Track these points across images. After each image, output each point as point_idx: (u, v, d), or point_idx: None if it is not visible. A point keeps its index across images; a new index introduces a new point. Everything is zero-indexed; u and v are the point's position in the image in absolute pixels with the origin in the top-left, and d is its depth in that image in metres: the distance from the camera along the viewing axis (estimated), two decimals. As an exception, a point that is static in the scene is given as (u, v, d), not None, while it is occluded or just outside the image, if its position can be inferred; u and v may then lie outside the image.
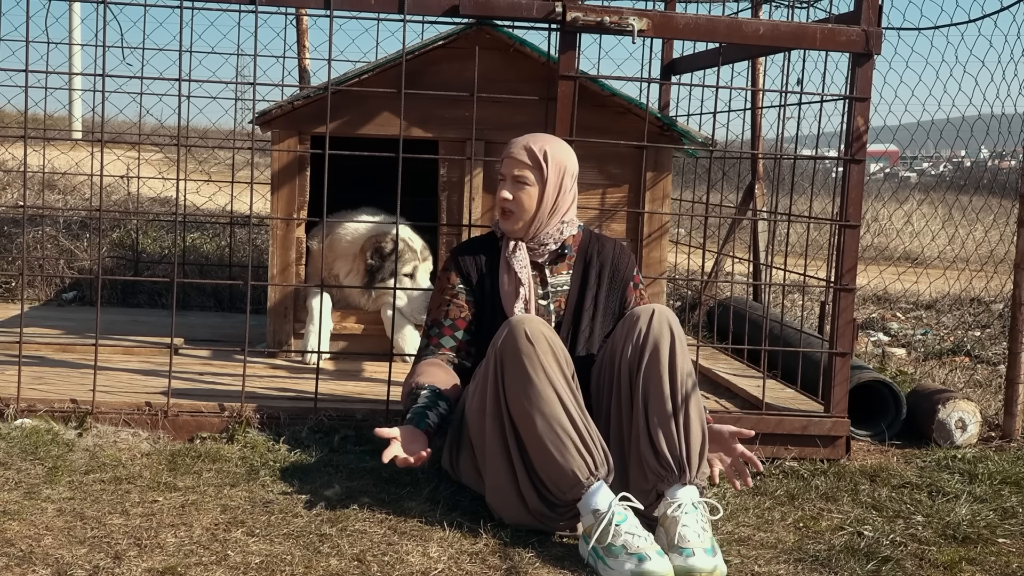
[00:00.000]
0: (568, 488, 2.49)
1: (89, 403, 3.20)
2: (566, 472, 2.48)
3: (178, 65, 3.95)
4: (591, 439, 2.52)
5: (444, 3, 3.25)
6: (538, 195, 2.86)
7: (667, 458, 2.54)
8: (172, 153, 7.19)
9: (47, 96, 5.63)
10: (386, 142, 3.85)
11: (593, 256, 2.96)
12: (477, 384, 2.70)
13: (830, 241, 3.74)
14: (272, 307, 4.07)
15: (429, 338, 2.95)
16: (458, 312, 2.92)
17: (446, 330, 2.92)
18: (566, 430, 2.50)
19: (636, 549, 2.33)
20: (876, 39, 3.30)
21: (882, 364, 4.88)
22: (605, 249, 2.98)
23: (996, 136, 5.76)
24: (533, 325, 2.59)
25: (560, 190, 2.87)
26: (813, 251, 5.10)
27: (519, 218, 2.88)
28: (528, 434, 2.53)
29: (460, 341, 2.91)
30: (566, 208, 2.91)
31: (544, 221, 2.88)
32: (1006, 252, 5.34)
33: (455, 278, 2.95)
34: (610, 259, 2.97)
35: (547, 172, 2.85)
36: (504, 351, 2.58)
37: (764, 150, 5.12)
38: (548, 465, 2.50)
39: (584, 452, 2.49)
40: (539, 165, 2.86)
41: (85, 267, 5.56)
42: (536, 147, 2.87)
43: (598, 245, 2.99)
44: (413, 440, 2.64)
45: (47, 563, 2.23)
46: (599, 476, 2.49)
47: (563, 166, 2.88)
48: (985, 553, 2.62)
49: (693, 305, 5.49)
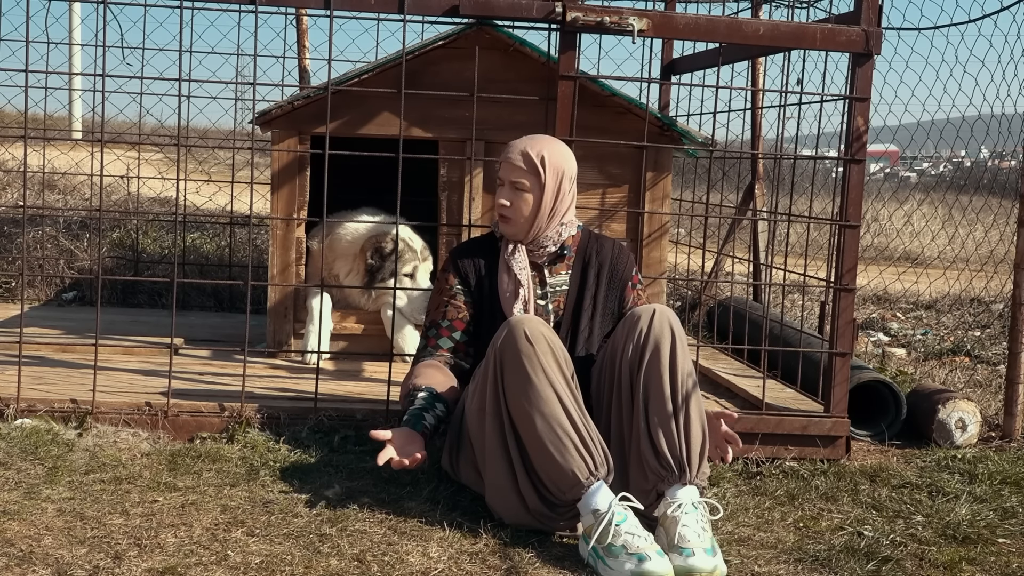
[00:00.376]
0: (568, 488, 2.48)
1: (89, 403, 3.20)
2: (566, 472, 2.48)
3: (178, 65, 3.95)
4: (591, 439, 2.52)
5: (444, 3, 3.25)
6: (536, 201, 2.85)
7: (667, 458, 2.54)
8: (172, 153, 7.19)
9: (47, 96, 5.64)
10: (386, 142, 3.85)
11: (592, 256, 2.96)
12: (477, 384, 2.70)
13: (830, 241, 3.74)
14: (272, 307, 4.07)
15: (427, 339, 2.95)
16: (456, 313, 2.92)
17: (444, 331, 2.92)
18: (565, 430, 2.50)
19: (636, 549, 2.33)
20: (876, 39, 3.30)
21: (882, 364, 4.88)
22: (604, 249, 2.98)
23: (996, 136, 5.76)
24: (532, 325, 2.59)
25: (558, 194, 2.87)
26: (813, 251, 5.10)
27: (517, 223, 2.88)
28: (528, 434, 2.53)
29: (458, 342, 2.92)
30: (565, 210, 2.90)
31: (543, 225, 2.88)
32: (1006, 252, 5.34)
33: (453, 279, 2.94)
34: (609, 259, 2.97)
35: (545, 178, 2.84)
36: (504, 351, 2.58)
37: (764, 150, 5.12)
38: (548, 465, 2.51)
39: (584, 452, 2.49)
40: (536, 171, 2.84)
41: (85, 267, 5.56)
42: (534, 152, 2.85)
43: (597, 245, 2.98)
44: (409, 442, 2.64)
45: (47, 563, 2.23)
46: (599, 476, 2.49)
47: (561, 170, 2.87)
48: (985, 553, 2.62)
49: (693, 305, 5.49)
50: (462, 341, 2.92)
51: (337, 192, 3.94)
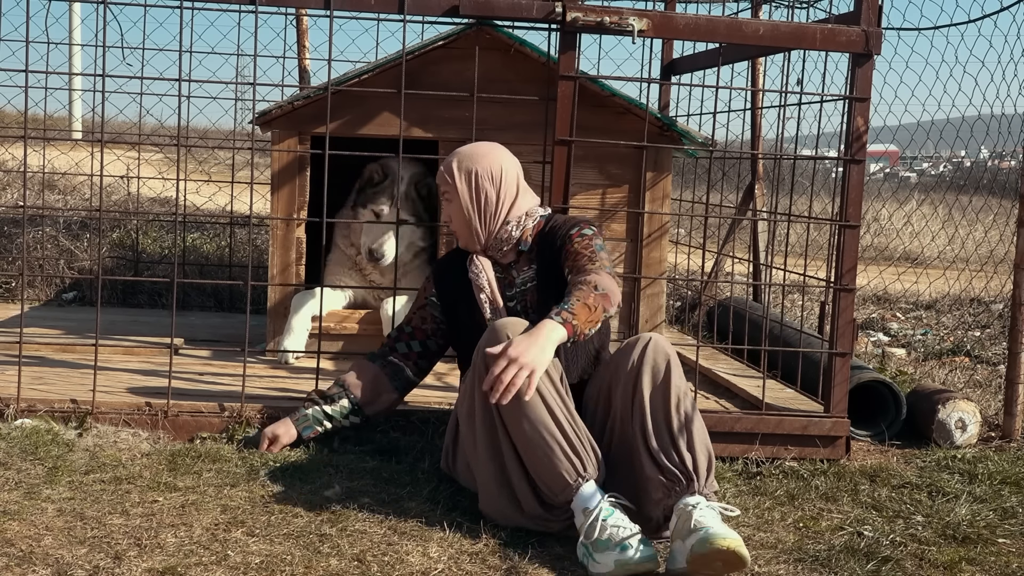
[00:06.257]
0: (559, 491, 2.50)
1: (89, 403, 3.20)
2: (555, 475, 2.49)
3: (178, 65, 3.95)
4: (579, 440, 2.52)
5: (444, 3, 3.25)
6: (458, 208, 2.88)
7: (673, 471, 2.49)
8: (172, 153, 7.19)
9: (47, 96, 5.63)
10: (386, 142, 3.85)
11: (548, 243, 2.88)
12: (467, 388, 2.69)
13: (830, 241, 3.74)
14: (272, 307, 4.07)
15: (391, 337, 3.09)
16: (420, 323, 3.04)
17: (404, 336, 3.07)
18: (552, 433, 2.50)
19: (620, 539, 2.34)
20: (876, 39, 3.30)
21: (882, 364, 4.88)
22: (557, 230, 2.87)
23: (996, 136, 5.76)
24: (514, 327, 2.57)
25: (477, 196, 2.85)
26: (813, 251, 5.10)
27: (462, 234, 2.93)
28: (518, 438, 2.54)
29: (411, 351, 3.05)
30: (501, 208, 2.87)
31: (486, 228, 2.87)
32: (1006, 252, 5.34)
33: (431, 289, 3.03)
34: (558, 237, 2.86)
35: (457, 182, 2.87)
36: (488, 348, 2.58)
37: (764, 150, 5.12)
38: (539, 468, 2.52)
39: (571, 454, 2.50)
40: (449, 179, 2.89)
41: (85, 267, 5.56)
42: (447, 162, 2.91)
43: (553, 230, 2.88)
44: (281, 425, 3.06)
45: (47, 563, 2.23)
46: (587, 477, 2.49)
47: (470, 170, 2.86)
48: (985, 553, 2.62)
49: (693, 305, 5.49)
50: (416, 351, 3.05)
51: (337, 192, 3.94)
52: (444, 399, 3.39)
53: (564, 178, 3.24)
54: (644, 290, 4.09)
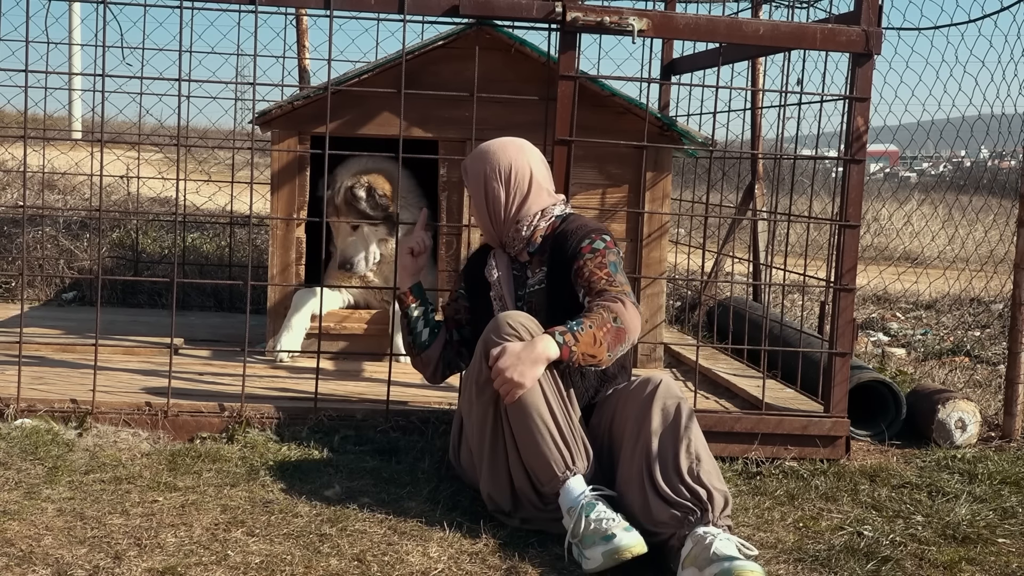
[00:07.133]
0: (547, 480, 2.53)
1: (89, 403, 3.20)
2: (544, 463, 2.52)
3: (178, 65, 3.95)
4: (571, 433, 2.55)
5: (444, 3, 3.25)
6: (473, 206, 2.94)
7: (685, 504, 2.42)
8: (172, 153, 7.19)
9: (47, 96, 5.64)
10: (386, 142, 3.85)
11: (558, 249, 2.84)
12: (472, 376, 2.70)
13: (830, 241, 3.74)
14: (272, 307, 4.07)
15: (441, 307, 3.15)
16: (453, 314, 3.07)
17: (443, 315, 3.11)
18: (545, 422, 2.53)
19: (604, 531, 2.35)
20: (876, 39, 3.30)
21: (882, 364, 4.88)
22: (568, 233, 2.83)
23: (996, 136, 5.76)
24: (516, 318, 2.61)
25: (486, 192, 2.86)
26: (813, 251, 5.10)
27: (481, 227, 2.95)
28: (515, 426, 2.57)
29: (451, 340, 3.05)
30: (514, 207, 2.85)
31: (498, 226, 2.88)
32: (1006, 252, 5.34)
33: (460, 283, 3.09)
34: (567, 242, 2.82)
35: (467, 178, 2.93)
36: (488, 344, 2.61)
37: (764, 150, 5.12)
38: (529, 454, 2.55)
39: (561, 445, 2.53)
40: (463, 174, 2.95)
41: (85, 267, 5.56)
42: (467, 157, 2.95)
43: (564, 232, 2.84)
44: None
45: (47, 563, 2.23)
46: (575, 471, 2.52)
47: (480, 171, 2.87)
48: (985, 553, 2.62)
49: (693, 305, 5.49)
50: (455, 340, 3.05)
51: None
52: (444, 399, 3.40)
53: (564, 178, 3.23)
54: (644, 290, 4.09)
